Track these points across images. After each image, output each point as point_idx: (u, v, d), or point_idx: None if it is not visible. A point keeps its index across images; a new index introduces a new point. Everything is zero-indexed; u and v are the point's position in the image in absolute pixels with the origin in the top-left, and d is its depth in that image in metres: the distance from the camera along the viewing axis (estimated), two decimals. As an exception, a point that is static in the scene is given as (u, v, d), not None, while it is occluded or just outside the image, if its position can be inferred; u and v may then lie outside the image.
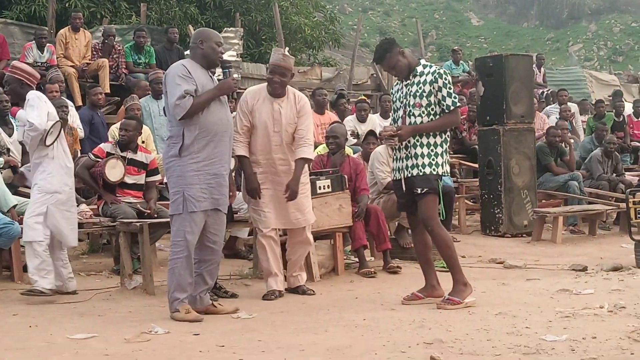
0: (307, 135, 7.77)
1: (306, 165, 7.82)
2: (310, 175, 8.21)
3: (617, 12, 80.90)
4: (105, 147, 9.31)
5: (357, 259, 9.31)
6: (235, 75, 16.95)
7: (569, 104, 17.25)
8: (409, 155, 7.11)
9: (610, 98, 20.25)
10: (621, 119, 17.19)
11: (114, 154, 9.12)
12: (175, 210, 6.67)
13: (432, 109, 7.09)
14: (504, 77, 12.25)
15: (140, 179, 9.30)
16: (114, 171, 9.04)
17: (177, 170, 6.67)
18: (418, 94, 7.09)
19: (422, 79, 7.11)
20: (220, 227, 6.93)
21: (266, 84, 7.89)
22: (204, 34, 6.98)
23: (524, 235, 12.19)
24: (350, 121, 13.39)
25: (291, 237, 7.95)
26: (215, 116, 6.72)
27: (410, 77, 7.18)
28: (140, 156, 9.32)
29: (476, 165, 13.40)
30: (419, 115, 7.07)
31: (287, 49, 8.26)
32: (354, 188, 9.37)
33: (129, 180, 9.18)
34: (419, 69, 7.17)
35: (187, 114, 6.58)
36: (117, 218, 8.60)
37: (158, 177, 9.46)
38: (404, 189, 7.20)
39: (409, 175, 7.11)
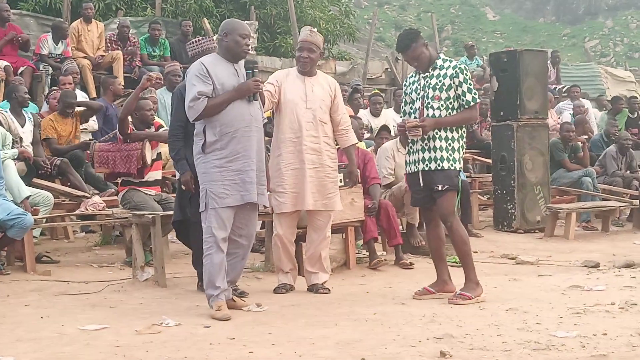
0: (348, 121, 7.92)
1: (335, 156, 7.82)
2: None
3: (634, 8, 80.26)
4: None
5: (368, 254, 9.30)
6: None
7: (582, 100, 17.19)
8: (426, 147, 7.08)
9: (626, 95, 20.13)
10: (635, 116, 17.10)
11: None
12: (201, 208, 6.61)
13: (451, 103, 7.07)
14: (519, 72, 12.21)
15: (159, 150, 9.17)
16: (149, 153, 8.94)
17: (202, 167, 6.61)
18: (438, 87, 7.07)
19: (442, 72, 7.09)
20: (246, 222, 6.77)
21: (294, 67, 7.89)
22: (228, 26, 6.77)
23: (537, 231, 12.16)
24: (364, 115, 13.39)
25: (311, 229, 7.77)
26: (235, 112, 6.57)
27: (430, 70, 7.15)
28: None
29: (489, 161, 13.38)
30: (438, 108, 7.05)
31: (315, 28, 8.18)
32: (363, 177, 9.35)
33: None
34: (439, 62, 7.15)
35: (201, 116, 6.53)
36: (143, 210, 8.50)
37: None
38: (421, 183, 7.19)
39: (426, 168, 7.09)
